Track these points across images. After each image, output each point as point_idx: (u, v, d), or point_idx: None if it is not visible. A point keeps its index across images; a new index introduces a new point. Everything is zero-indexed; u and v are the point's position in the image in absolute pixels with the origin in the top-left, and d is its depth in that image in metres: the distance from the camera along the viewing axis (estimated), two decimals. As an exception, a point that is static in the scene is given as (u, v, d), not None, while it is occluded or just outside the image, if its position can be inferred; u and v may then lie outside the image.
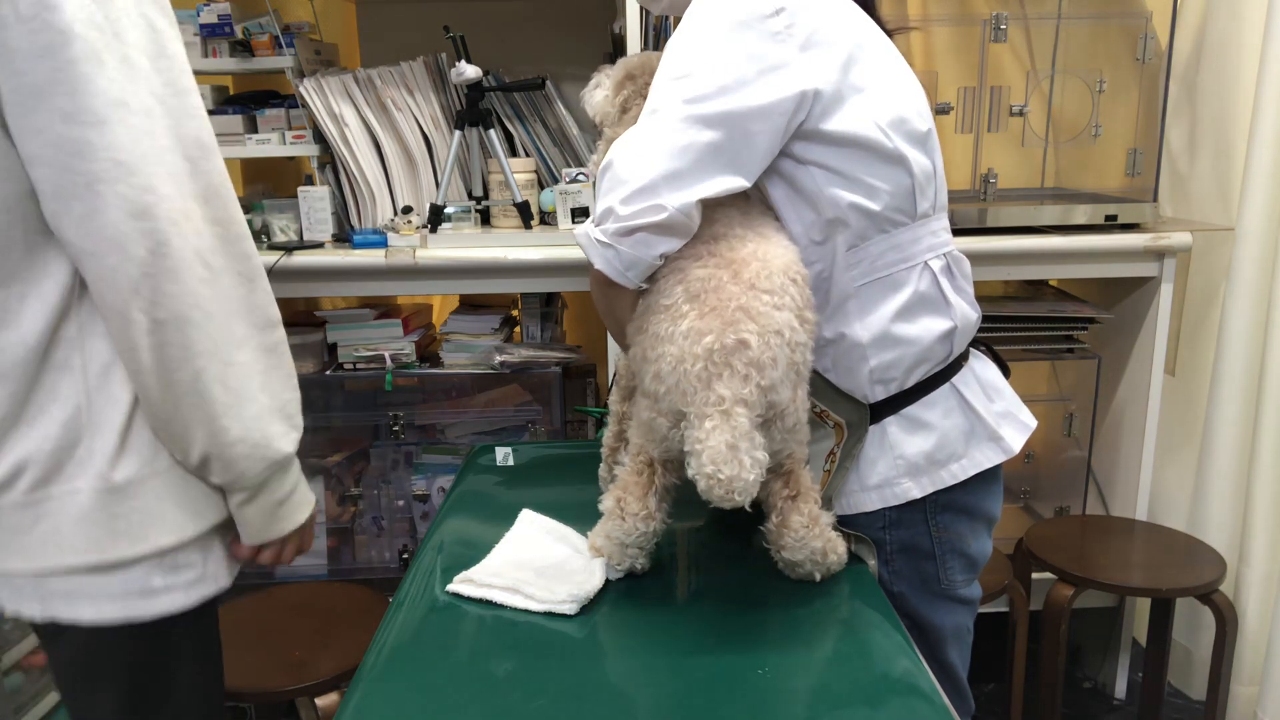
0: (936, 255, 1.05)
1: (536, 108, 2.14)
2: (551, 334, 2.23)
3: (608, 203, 0.95)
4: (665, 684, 0.87)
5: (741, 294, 0.92)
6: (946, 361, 1.07)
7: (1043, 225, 1.94)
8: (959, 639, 1.16)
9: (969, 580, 1.14)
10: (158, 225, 0.82)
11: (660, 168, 0.92)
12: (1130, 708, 2.19)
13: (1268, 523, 1.98)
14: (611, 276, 0.98)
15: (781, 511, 1.02)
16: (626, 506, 1.01)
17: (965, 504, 1.10)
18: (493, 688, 0.87)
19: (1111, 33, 2.05)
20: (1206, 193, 2.12)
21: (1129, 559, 1.89)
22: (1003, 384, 1.14)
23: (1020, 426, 1.12)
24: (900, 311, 1.03)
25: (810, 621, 0.97)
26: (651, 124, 0.94)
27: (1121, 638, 2.19)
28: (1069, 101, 2.07)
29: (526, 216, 2.00)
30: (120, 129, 0.80)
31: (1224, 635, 1.82)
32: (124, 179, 0.80)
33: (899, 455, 1.06)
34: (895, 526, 1.09)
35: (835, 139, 0.97)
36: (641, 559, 1.05)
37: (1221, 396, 2.02)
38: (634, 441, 1.03)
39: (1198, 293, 2.15)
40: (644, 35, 1.90)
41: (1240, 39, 1.99)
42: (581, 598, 0.98)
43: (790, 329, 0.93)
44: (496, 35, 2.23)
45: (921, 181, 1.01)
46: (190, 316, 0.85)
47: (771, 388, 0.91)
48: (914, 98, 1.02)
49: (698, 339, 0.91)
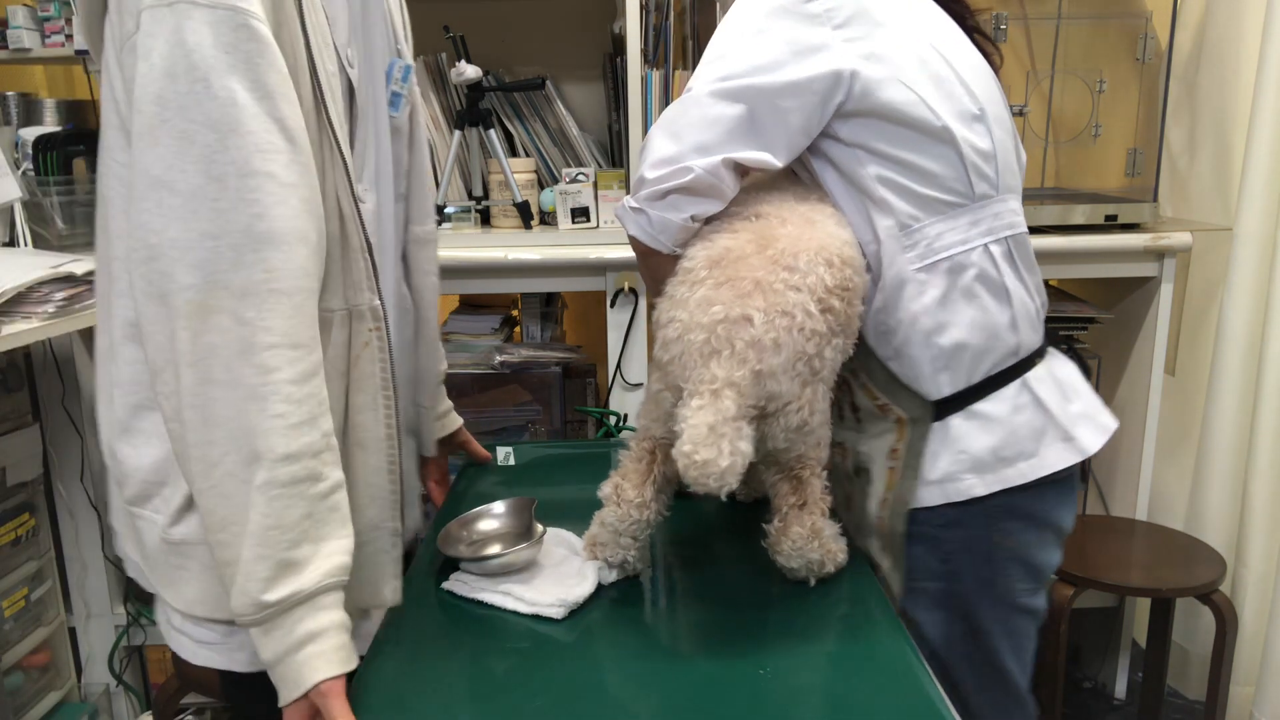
0: (997, 239, 1.02)
1: (536, 108, 2.13)
2: (551, 334, 2.23)
3: (640, 173, 0.98)
4: (665, 684, 0.87)
5: (761, 267, 0.90)
6: (1016, 354, 1.04)
7: (1043, 225, 1.93)
8: (1017, 645, 1.10)
9: (1033, 590, 1.09)
10: (171, 315, 0.78)
11: (689, 139, 0.95)
12: (1130, 708, 2.19)
13: (1265, 523, 1.98)
14: (645, 241, 0.99)
15: (785, 517, 1.00)
16: (623, 493, 0.99)
17: (1033, 511, 1.06)
18: (493, 686, 0.87)
19: (1111, 33, 2.05)
20: (1206, 193, 2.12)
21: (1129, 559, 1.89)
22: (1082, 384, 1.10)
23: (1098, 428, 1.08)
24: (959, 296, 1.01)
25: (810, 621, 0.97)
26: (684, 100, 0.97)
27: (1121, 638, 2.19)
28: (1069, 101, 2.07)
29: (526, 216, 2.00)
30: (154, 211, 0.77)
31: (1224, 635, 1.82)
32: (148, 261, 0.78)
33: (962, 450, 1.03)
34: (955, 526, 1.05)
35: (879, 118, 0.97)
36: (634, 552, 1.02)
37: (1220, 396, 2.02)
38: (639, 424, 1.01)
39: (1197, 293, 2.15)
40: (644, 35, 1.91)
41: (1240, 39, 1.99)
42: (569, 603, 0.97)
43: (804, 313, 0.89)
44: (496, 35, 2.23)
45: (975, 161, 1.00)
46: (184, 418, 0.79)
47: (770, 375, 0.88)
48: (968, 78, 1.01)
49: (706, 308, 0.89)
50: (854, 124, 0.98)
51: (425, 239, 1.19)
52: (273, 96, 0.78)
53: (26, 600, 1.98)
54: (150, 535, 0.92)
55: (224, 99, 0.76)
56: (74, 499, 2.04)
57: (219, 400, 0.78)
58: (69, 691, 2.10)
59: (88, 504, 2.04)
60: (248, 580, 0.78)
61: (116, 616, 2.10)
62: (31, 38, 1.96)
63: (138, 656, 2.15)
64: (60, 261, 1.53)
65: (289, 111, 0.80)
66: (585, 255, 1.90)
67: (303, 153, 0.81)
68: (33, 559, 2.00)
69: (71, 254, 1.68)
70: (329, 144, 0.87)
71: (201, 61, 0.75)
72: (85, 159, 1.96)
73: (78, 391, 2.00)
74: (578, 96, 2.26)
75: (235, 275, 0.77)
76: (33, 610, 2.00)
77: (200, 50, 0.75)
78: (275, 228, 0.78)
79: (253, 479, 0.78)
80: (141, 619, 2.09)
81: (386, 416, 0.94)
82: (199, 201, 0.76)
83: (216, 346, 0.77)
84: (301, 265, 0.80)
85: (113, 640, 2.11)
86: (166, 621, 0.97)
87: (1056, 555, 1.10)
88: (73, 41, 1.92)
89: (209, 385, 0.78)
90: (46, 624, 2.03)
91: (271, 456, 0.78)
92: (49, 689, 2.04)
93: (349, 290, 0.91)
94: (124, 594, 2.10)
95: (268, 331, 0.78)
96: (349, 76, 0.92)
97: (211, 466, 0.79)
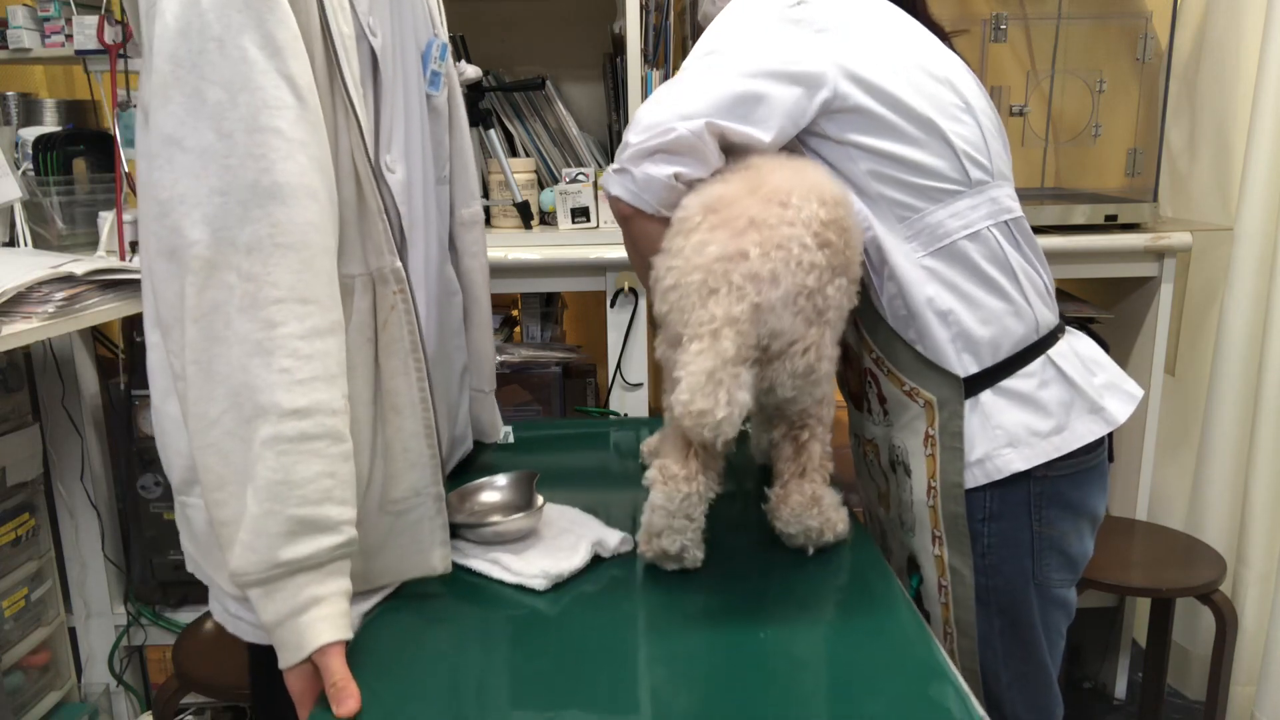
0: (998, 222, 1.05)
1: (536, 108, 2.13)
2: (551, 334, 2.23)
3: (625, 139, 1.00)
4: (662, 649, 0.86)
5: (755, 206, 0.90)
6: (1036, 331, 1.06)
7: (1043, 225, 1.93)
8: (1051, 641, 1.12)
9: (1067, 581, 1.10)
10: (181, 270, 0.78)
11: (674, 108, 0.97)
12: (1130, 708, 2.19)
13: (1265, 523, 1.97)
14: (628, 200, 1.00)
15: (786, 483, 1.00)
16: (668, 471, 0.96)
17: (1072, 499, 1.07)
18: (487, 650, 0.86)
19: (1111, 33, 2.05)
20: (1206, 193, 2.12)
21: (1129, 559, 1.89)
22: (1103, 358, 1.13)
23: (1125, 397, 1.09)
24: (970, 278, 1.03)
25: (811, 588, 0.96)
26: (671, 80, 1.01)
27: (1121, 638, 2.19)
28: (1069, 101, 2.07)
29: (526, 216, 2.00)
30: (165, 168, 0.77)
31: (1224, 635, 1.82)
32: (159, 218, 0.79)
33: (997, 426, 1.04)
34: (996, 519, 1.06)
35: (865, 115, 1.00)
36: (690, 535, 0.96)
37: (1220, 396, 2.02)
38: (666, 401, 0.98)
39: (1197, 293, 2.15)
40: (644, 35, 1.91)
41: (1240, 39, 1.99)
42: (553, 575, 0.96)
43: (800, 245, 0.89)
44: (496, 35, 2.23)
45: (966, 149, 1.03)
46: (187, 375, 0.79)
47: (770, 309, 0.87)
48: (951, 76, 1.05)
49: (702, 249, 0.89)
50: (841, 120, 1.01)
51: (472, 221, 1.21)
52: (282, 53, 0.78)
53: (26, 600, 1.98)
54: (198, 521, 0.92)
55: (235, 57, 0.77)
56: (74, 499, 2.04)
57: (220, 357, 0.77)
58: (69, 691, 2.10)
59: (88, 504, 2.04)
60: (257, 537, 0.77)
61: (116, 616, 2.10)
62: (31, 38, 1.96)
63: (138, 656, 2.15)
64: (60, 261, 1.53)
65: (298, 69, 0.80)
66: (585, 255, 1.90)
67: (312, 111, 0.81)
68: (33, 559, 2.00)
69: (71, 254, 1.68)
70: (343, 106, 0.87)
71: (215, 20, 0.76)
72: (85, 159, 1.96)
73: (78, 391, 2.00)
74: (578, 96, 2.26)
75: (242, 231, 0.77)
76: (33, 610, 2.00)
77: (213, 9, 0.76)
78: (281, 181, 0.78)
79: (255, 435, 0.77)
80: (142, 619, 2.09)
81: (419, 379, 0.93)
82: (209, 158, 0.76)
83: (221, 303, 0.77)
84: (310, 220, 0.79)
85: (113, 640, 2.11)
86: (224, 610, 0.97)
87: (1091, 545, 1.12)
88: (73, 42, 1.92)
89: (212, 342, 0.77)
90: (46, 624, 2.03)
91: (277, 411, 0.77)
92: (49, 689, 2.04)
93: (370, 255, 0.90)
94: (124, 594, 2.10)
95: (274, 286, 0.77)
96: (371, 45, 0.92)
97: (210, 424, 0.78)
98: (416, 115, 1.05)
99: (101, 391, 2.04)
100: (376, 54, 0.93)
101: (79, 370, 1.99)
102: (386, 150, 0.96)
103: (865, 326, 1.08)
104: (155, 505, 1.97)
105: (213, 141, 0.77)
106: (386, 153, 0.96)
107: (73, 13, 1.91)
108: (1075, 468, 1.06)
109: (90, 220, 1.93)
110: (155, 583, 2.04)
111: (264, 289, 0.77)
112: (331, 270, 0.83)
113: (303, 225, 0.79)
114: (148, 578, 2.04)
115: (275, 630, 0.79)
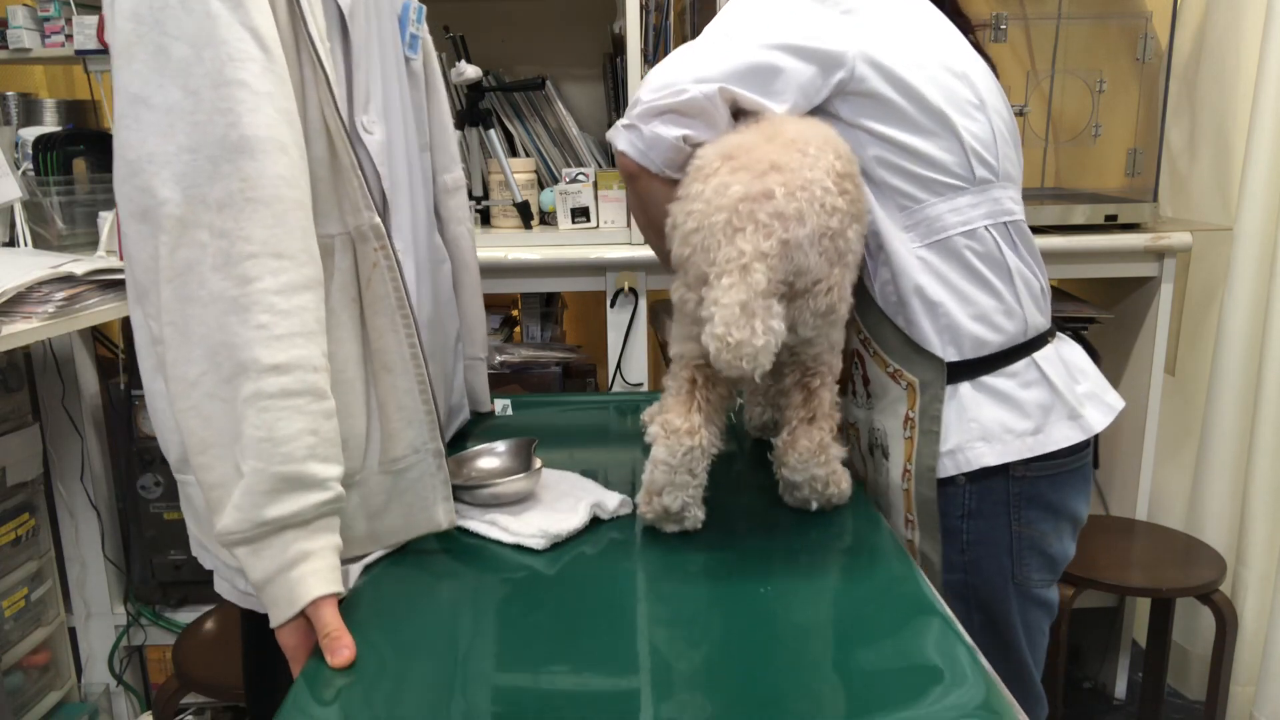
0: (998, 222, 1.05)
1: (536, 108, 2.14)
2: (551, 334, 2.23)
3: (637, 95, 1.00)
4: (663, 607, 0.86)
5: (775, 151, 0.90)
6: (1025, 333, 1.07)
7: (1043, 225, 1.93)
8: (1032, 639, 1.13)
9: (1047, 581, 1.11)
10: (154, 231, 0.77)
11: (688, 71, 0.98)
12: (1130, 708, 2.19)
13: (1265, 523, 1.97)
14: (634, 157, 1.01)
15: (794, 430, 1.00)
16: (669, 425, 0.96)
17: (1052, 500, 1.08)
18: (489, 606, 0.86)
19: (1111, 33, 2.05)
20: (1206, 193, 2.12)
21: (1129, 559, 1.89)
22: (1089, 366, 1.13)
23: (1104, 408, 1.10)
24: (963, 274, 1.04)
25: (813, 546, 0.96)
26: (689, 43, 1.01)
27: (1121, 638, 2.19)
28: (1069, 101, 2.07)
29: (526, 216, 2.00)
30: (133, 127, 0.77)
31: (1224, 635, 1.82)
32: (129, 179, 0.78)
33: (972, 419, 1.05)
34: (974, 517, 1.07)
35: (878, 101, 1.00)
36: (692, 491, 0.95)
37: (1220, 396, 2.02)
38: (673, 352, 0.99)
39: (1197, 293, 2.15)
40: (644, 35, 1.91)
41: (1240, 39, 1.99)
42: (552, 534, 0.96)
43: (822, 189, 0.89)
44: (496, 35, 2.23)
45: (975, 146, 1.03)
46: (165, 337, 0.78)
47: (797, 246, 0.88)
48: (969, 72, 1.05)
49: (724, 191, 0.89)
50: (854, 103, 1.01)
51: (455, 187, 1.21)
52: (244, 5, 0.78)
53: (26, 600, 1.98)
54: (199, 499, 0.91)
55: (199, 12, 0.76)
56: (74, 499, 2.04)
57: (196, 317, 0.76)
58: (69, 691, 2.10)
59: (88, 504, 2.04)
60: (244, 495, 0.76)
61: (116, 616, 2.10)
62: (31, 38, 1.96)
63: (138, 656, 2.15)
64: (60, 261, 1.53)
65: (261, 21, 0.79)
66: (585, 255, 1.90)
67: (277, 63, 0.80)
68: (33, 559, 2.00)
69: (71, 254, 1.68)
70: (310, 60, 0.86)
71: None
72: (85, 159, 1.96)
73: (78, 391, 2.00)
74: (578, 96, 2.26)
75: (212, 187, 0.76)
76: (33, 610, 2.00)
77: None
78: (249, 135, 0.77)
79: (238, 393, 0.76)
80: (141, 619, 2.09)
81: (408, 336, 0.93)
82: (176, 115, 0.76)
83: (194, 261, 0.76)
84: (281, 174, 0.78)
85: (113, 640, 2.11)
86: (233, 587, 0.96)
87: (1072, 546, 1.12)
88: (73, 42, 1.92)
89: (187, 302, 0.76)
90: (46, 624, 2.03)
91: (257, 368, 0.76)
92: (49, 689, 2.05)
93: (347, 213, 0.89)
94: (124, 594, 2.10)
95: (246, 241, 0.76)
96: (337, 4, 0.91)
97: (190, 386, 0.77)
98: (394, 78, 1.04)
99: (101, 391, 2.05)
100: (344, 11, 0.92)
101: (79, 370, 1.99)
102: (364, 111, 0.94)
103: (856, 308, 1.08)
104: (155, 505, 1.97)
105: (179, 99, 0.76)
106: (364, 113, 0.94)
107: (73, 13, 1.91)
108: (1056, 469, 1.07)
109: (90, 220, 1.93)
110: (155, 583, 2.04)
111: (237, 244, 0.76)
112: (306, 225, 0.81)
113: (273, 179, 0.78)
114: (148, 578, 2.04)
115: (265, 587, 0.78)
